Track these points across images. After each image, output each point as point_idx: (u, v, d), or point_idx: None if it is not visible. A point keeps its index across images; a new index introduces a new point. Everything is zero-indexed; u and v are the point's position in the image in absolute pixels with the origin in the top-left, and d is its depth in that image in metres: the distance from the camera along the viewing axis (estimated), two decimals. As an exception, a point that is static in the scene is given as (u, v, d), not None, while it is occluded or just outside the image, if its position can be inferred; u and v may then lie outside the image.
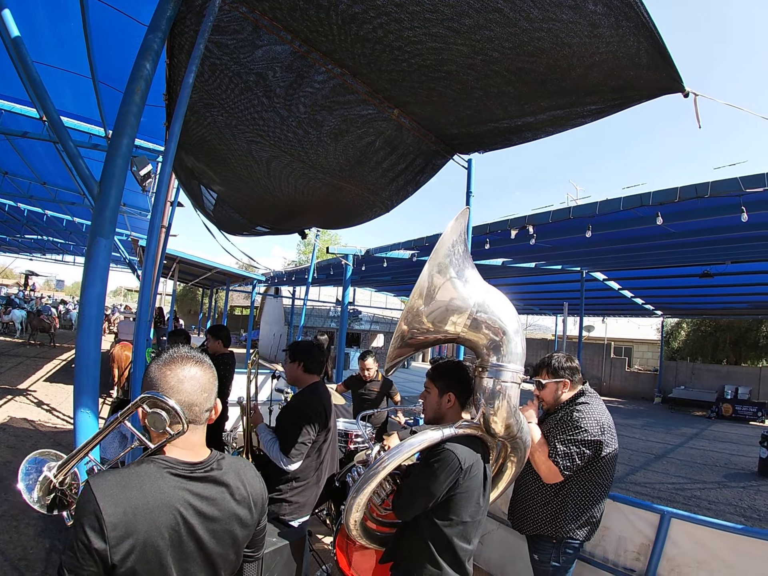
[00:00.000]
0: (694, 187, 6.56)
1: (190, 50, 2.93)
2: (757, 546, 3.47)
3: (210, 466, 1.57)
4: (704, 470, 11.22)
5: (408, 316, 2.27)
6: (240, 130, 4.18)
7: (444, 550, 2.37)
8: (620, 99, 3.13)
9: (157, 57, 2.69)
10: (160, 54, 2.72)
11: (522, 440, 2.61)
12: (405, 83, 3.39)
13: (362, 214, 5.73)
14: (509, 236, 8.93)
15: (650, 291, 18.01)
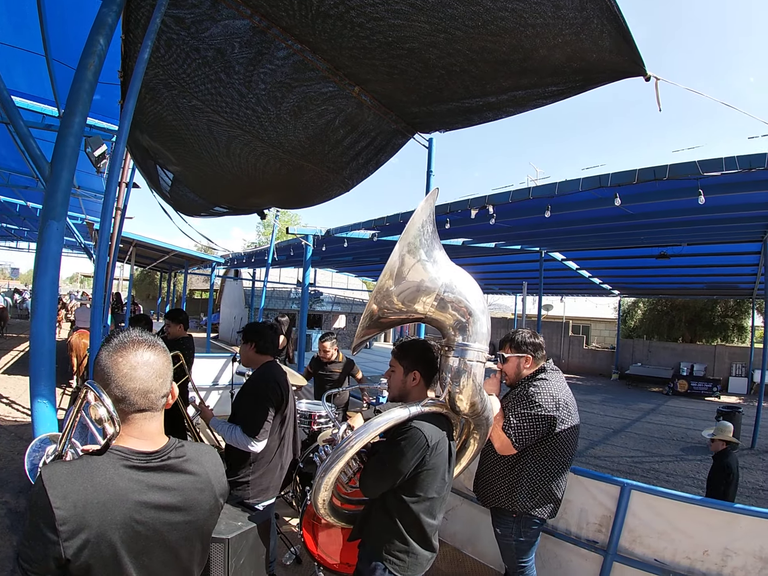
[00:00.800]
0: (652, 170, 6.64)
1: (146, 25, 2.81)
2: (715, 516, 3.60)
3: (167, 455, 1.50)
4: (662, 444, 11.59)
5: (378, 296, 2.26)
6: (197, 108, 4.05)
7: (411, 526, 2.40)
8: (582, 81, 3.13)
9: (111, 32, 2.57)
10: (114, 29, 2.60)
11: (486, 418, 2.65)
12: (366, 60, 3.33)
13: (322, 193, 5.65)
14: (469, 216, 8.93)
15: (608, 271, 18.35)
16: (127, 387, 1.42)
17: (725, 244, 12.17)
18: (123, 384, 1.42)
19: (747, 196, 7.95)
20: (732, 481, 5.73)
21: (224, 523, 2.46)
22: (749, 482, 8.86)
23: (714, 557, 3.56)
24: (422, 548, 2.45)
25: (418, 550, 2.43)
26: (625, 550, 3.91)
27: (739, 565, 3.47)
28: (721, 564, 3.53)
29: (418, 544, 2.42)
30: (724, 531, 3.54)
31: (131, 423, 1.47)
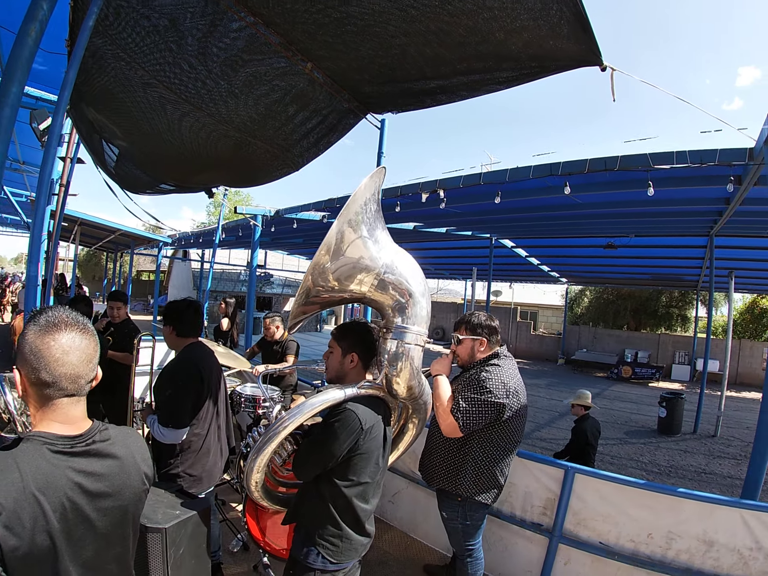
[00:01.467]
0: (603, 160, 6.73)
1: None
2: (658, 499, 3.66)
3: (92, 438, 1.43)
4: (606, 427, 11.77)
5: (314, 272, 2.20)
6: (145, 80, 3.88)
7: (344, 511, 2.37)
8: (538, 68, 3.12)
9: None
10: None
11: (424, 402, 2.64)
12: (319, 36, 3.24)
13: (271, 172, 5.52)
14: (420, 200, 8.94)
15: (556, 259, 18.68)
16: (59, 372, 1.35)
17: (672, 237, 12.47)
18: (54, 369, 1.34)
19: (696, 191, 8.13)
20: (585, 445, 5.87)
21: (161, 512, 2.37)
22: (692, 466, 9.17)
23: (658, 540, 3.63)
24: (356, 533, 2.42)
25: (351, 535, 2.40)
26: (570, 533, 3.95)
27: (683, 548, 3.55)
28: (666, 547, 3.60)
29: (351, 529, 2.40)
30: (668, 514, 3.61)
31: (56, 408, 1.39)
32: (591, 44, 2.66)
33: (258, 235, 11.85)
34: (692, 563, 3.54)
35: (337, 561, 2.37)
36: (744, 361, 22.71)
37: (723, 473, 8.83)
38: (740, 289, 21.40)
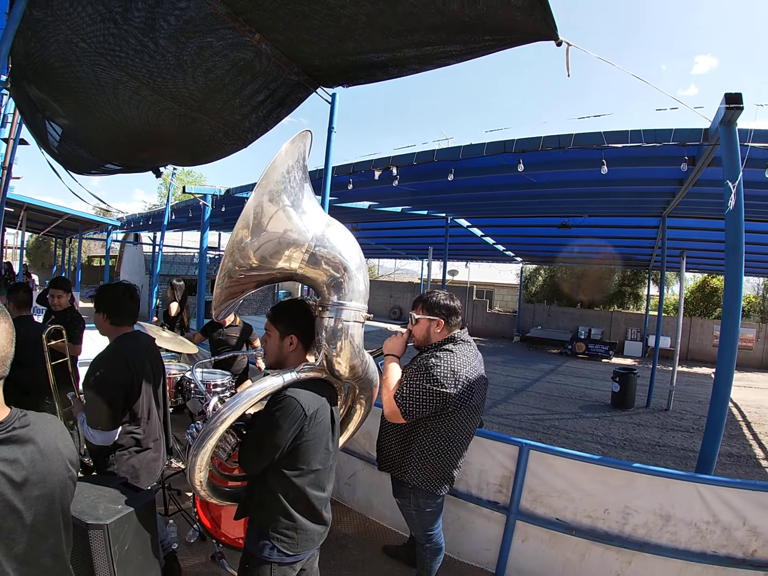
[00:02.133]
0: (557, 138, 6.72)
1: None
2: (614, 475, 3.68)
3: (11, 425, 1.34)
4: (561, 402, 12.08)
5: (234, 251, 2.04)
6: (87, 53, 3.71)
7: (297, 501, 2.28)
8: (493, 41, 3.06)
9: None
10: None
11: (369, 380, 2.55)
12: (268, 5, 3.12)
13: (219, 148, 5.36)
14: (373, 177, 8.83)
15: (511, 239, 18.82)
16: None
17: (626, 217, 12.67)
18: None
19: (650, 171, 8.22)
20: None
21: (102, 507, 2.26)
22: (646, 438, 9.35)
23: (615, 515, 3.66)
24: (312, 522, 2.34)
25: (307, 525, 2.31)
26: (527, 510, 3.96)
27: (641, 522, 3.58)
28: (623, 522, 3.63)
29: (306, 518, 2.31)
30: (624, 489, 3.63)
31: None
32: (547, 17, 2.61)
33: (208, 215, 11.49)
34: (650, 538, 3.57)
35: (294, 553, 2.29)
36: (695, 337, 23.41)
37: (676, 445, 9.03)
38: (691, 269, 21.90)
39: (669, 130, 6.08)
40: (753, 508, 3.38)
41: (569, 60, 2.86)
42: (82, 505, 2.30)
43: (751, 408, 12.70)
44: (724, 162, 4.68)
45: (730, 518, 3.41)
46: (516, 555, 4.01)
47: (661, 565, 3.56)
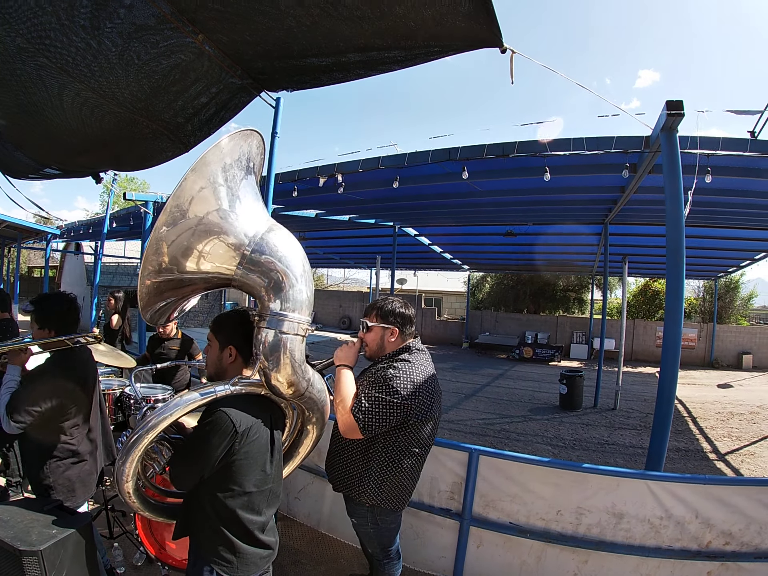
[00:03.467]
0: (501, 146, 6.81)
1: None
2: (564, 476, 3.72)
3: None
4: (511, 406, 12.25)
5: (155, 253, 1.92)
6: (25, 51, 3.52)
7: (230, 523, 2.16)
8: (437, 47, 3.03)
9: None
10: None
11: (315, 400, 2.41)
12: (212, 5, 3.02)
13: (160, 153, 5.19)
14: (317, 184, 8.79)
15: (458, 247, 19.12)
16: None
17: (569, 225, 12.93)
18: None
19: (592, 179, 8.41)
20: None
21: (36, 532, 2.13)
22: (595, 438, 9.55)
23: (568, 516, 3.69)
24: (250, 546, 2.21)
25: (244, 549, 2.19)
26: (480, 515, 3.95)
27: (594, 522, 3.62)
28: (576, 522, 3.67)
29: (243, 542, 2.18)
30: (575, 490, 3.67)
31: None
32: (492, 24, 2.60)
33: (149, 223, 11.14)
34: (604, 536, 3.62)
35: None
36: (638, 339, 24.30)
37: (625, 443, 9.25)
38: (633, 273, 22.85)
39: (611, 138, 6.21)
40: (704, 502, 3.46)
41: (513, 67, 2.87)
42: (14, 530, 2.17)
43: (696, 404, 13.08)
44: (664, 168, 4.78)
45: (682, 512, 3.48)
46: (472, 561, 4.00)
47: (617, 562, 3.61)
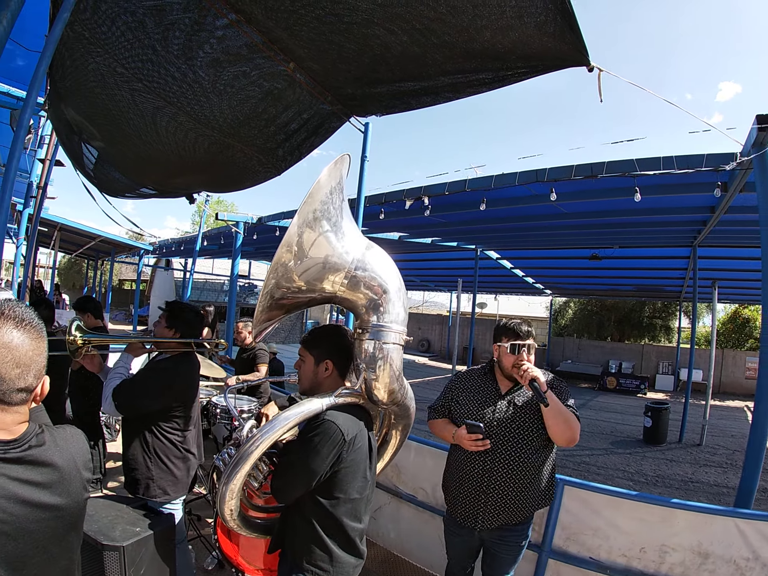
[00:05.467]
0: (589, 166, 6.66)
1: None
2: (651, 511, 3.51)
3: (27, 444, 1.27)
4: (592, 438, 11.77)
5: (277, 274, 2.02)
6: (124, 77, 3.79)
7: (333, 532, 2.16)
8: (525, 68, 3.05)
9: None
10: None
11: (407, 407, 2.46)
12: (302, 34, 3.15)
13: (252, 176, 5.40)
14: (404, 207, 8.79)
15: (541, 271, 18.68)
16: None
17: (656, 248, 12.47)
18: None
19: (681, 199, 8.10)
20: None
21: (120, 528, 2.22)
22: (678, 475, 9.09)
23: (651, 554, 3.49)
24: (348, 555, 2.22)
25: (343, 558, 2.19)
26: (560, 549, 3.79)
27: (678, 561, 3.41)
28: (659, 561, 3.46)
29: (342, 551, 2.19)
30: (661, 527, 3.48)
31: None
32: (578, 44, 2.60)
33: (239, 242, 11.57)
34: (687, 576, 3.43)
35: None
36: (727, 370, 22.85)
37: (709, 481, 8.73)
38: (723, 300, 21.58)
39: (701, 156, 6.00)
40: (794, 543, 3.21)
41: (601, 85, 2.84)
42: (98, 524, 2.26)
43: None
44: (757, 186, 4.58)
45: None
46: (546, 595, 3.84)
47: (698, 604, 3.39)
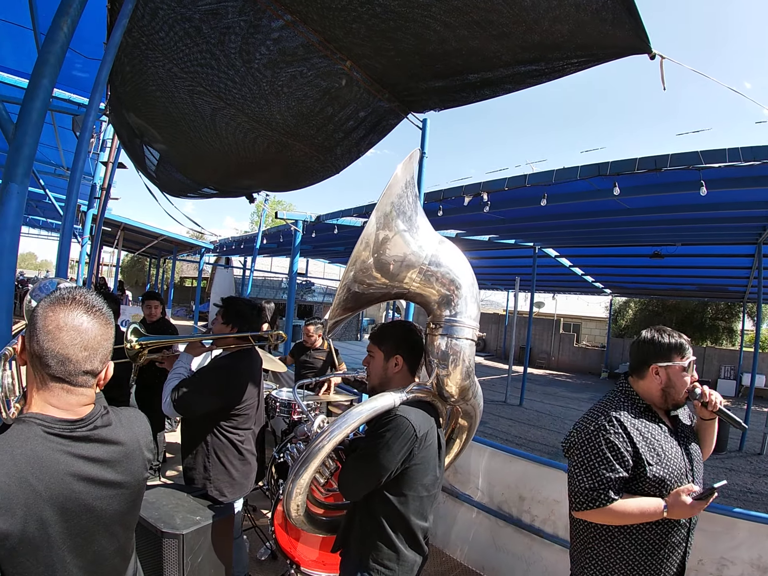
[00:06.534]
0: (653, 159, 6.46)
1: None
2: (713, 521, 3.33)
3: (93, 423, 1.32)
4: (652, 445, 11.37)
5: (356, 266, 2.03)
6: (183, 81, 3.88)
7: (401, 530, 2.15)
8: (585, 56, 2.97)
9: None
10: None
11: (476, 404, 2.41)
12: (359, 32, 3.15)
13: (311, 175, 5.44)
14: (463, 204, 8.71)
15: (600, 269, 18.19)
16: (47, 346, 1.24)
17: (719, 245, 12.03)
18: (43, 341, 1.24)
19: (746, 193, 7.78)
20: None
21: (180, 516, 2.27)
22: (737, 485, 8.74)
23: (709, 566, 3.34)
24: (414, 552, 2.20)
25: (408, 557, 2.18)
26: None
27: (736, 575, 3.28)
28: (717, 574, 3.33)
29: (408, 549, 2.18)
30: (722, 538, 3.32)
31: (50, 390, 1.28)
32: (638, 30, 2.52)
33: (299, 240, 11.66)
34: (745, 593, 3.24)
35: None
36: (791, 375, 21.69)
37: (769, 493, 8.41)
38: (789, 301, 20.64)
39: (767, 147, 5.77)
40: None
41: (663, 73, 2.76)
42: (159, 512, 2.33)
43: None
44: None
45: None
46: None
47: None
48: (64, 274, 2.89)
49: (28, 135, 2.19)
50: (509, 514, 4.34)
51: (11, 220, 2.12)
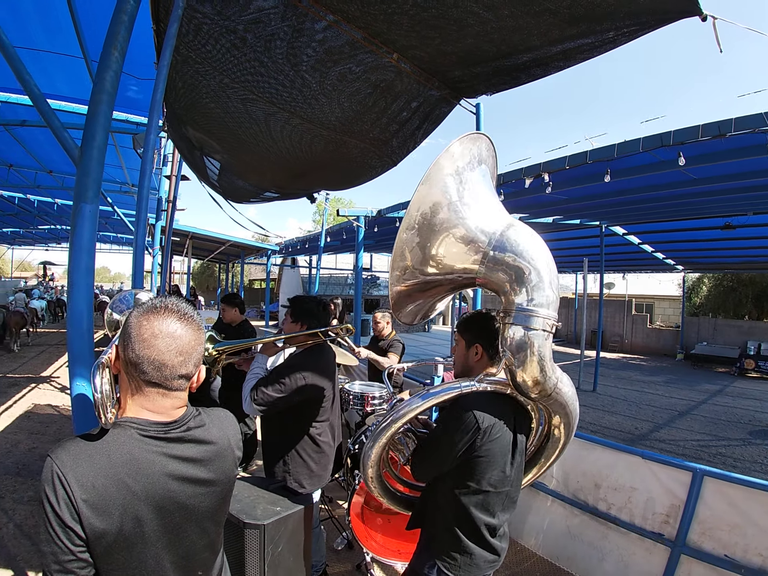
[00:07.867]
0: (716, 125, 6.18)
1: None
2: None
3: (186, 425, 1.41)
4: (729, 427, 11.05)
5: (400, 258, 2.00)
6: (235, 90, 4.00)
7: (461, 520, 2.18)
8: (634, 25, 2.88)
9: (132, 16, 2.47)
10: (135, 11, 2.49)
11: (563, 401, 2.21)
12: (402, 23, 3.15)
13: (369, 170, 5.49)
14: (523, 186, 8.50)
15: (671, 245, 17.53)
16: (143, 353, 1.32)
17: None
18: (139, 349, 1.32)
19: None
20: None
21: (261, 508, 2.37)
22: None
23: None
24: (478, 546, 2.19)
25: (472, 549, 2.18)
26: (693, 544, 3.60)
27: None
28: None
29: (471, 541, 2.18)
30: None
31: (145, 395, 1.36)
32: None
33: (362, 236, 11.81)
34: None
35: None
36: None
37: None
38: None
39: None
40: None
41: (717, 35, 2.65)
42: (241, 504, 2.44)
43: None
44: None
45: None
46: (676, 593, 3.63)
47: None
48: (140, 284, 3.07)
49: (94, 159, 2.31)
50: (585, 502, 4.29)
51: (86, 242, 2.24)
